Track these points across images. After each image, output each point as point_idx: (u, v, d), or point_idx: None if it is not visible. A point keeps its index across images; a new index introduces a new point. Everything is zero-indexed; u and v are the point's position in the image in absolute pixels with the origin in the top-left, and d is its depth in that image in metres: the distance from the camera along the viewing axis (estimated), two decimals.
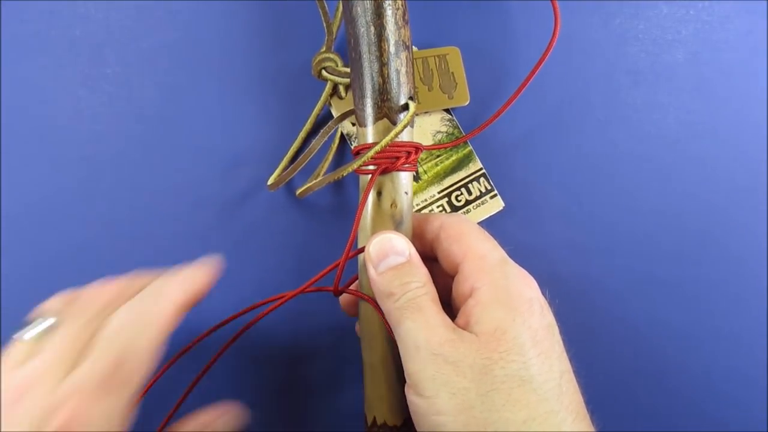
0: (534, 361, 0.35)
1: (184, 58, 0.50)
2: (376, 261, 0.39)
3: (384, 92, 0.40)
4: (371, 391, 0.42)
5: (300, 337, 0.50)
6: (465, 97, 0.50)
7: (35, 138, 0.49)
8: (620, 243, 0.51)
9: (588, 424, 0.36)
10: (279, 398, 0.50)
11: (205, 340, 0.48)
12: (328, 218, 0.50)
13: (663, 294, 0.51)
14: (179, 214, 0.49)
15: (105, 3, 0.50)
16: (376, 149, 0.39)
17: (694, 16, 0.52)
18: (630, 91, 0.52)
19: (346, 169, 0.41)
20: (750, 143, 0.52)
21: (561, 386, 0.35)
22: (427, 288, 0.38)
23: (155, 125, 0.50)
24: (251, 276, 0.50)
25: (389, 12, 0.40)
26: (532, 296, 0.37)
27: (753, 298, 0.52)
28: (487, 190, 0.50)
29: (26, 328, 0.35)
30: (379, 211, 0.41)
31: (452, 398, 0.34)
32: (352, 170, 0.41)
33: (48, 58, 0.50)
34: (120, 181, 0.49)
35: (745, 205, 0.52)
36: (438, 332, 0.35)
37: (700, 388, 0.51)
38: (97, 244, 0.49)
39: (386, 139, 0.39)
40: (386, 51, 0.40)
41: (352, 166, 0.40)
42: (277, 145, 0.50)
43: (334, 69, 0.48)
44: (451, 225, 0.41)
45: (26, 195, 0.49)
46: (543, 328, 0.36)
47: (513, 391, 0.33)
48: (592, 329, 0.51)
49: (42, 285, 0.48)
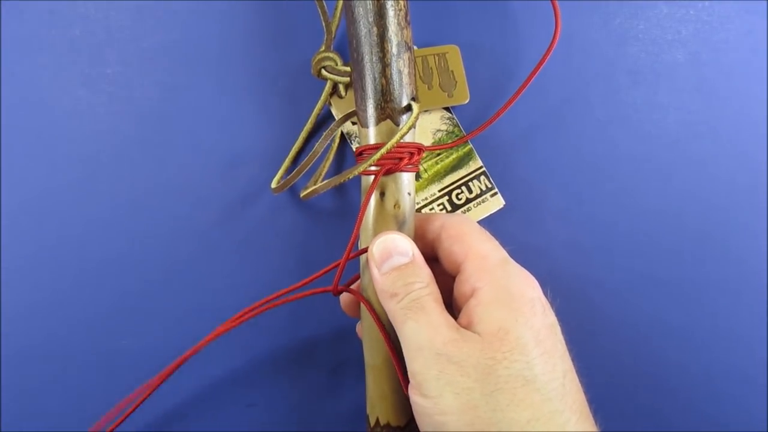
0: (537, 361, 0.35)
1: (184, 58, 0.50)
2: (380, 261, 0.39)
3: (386, 93, 0.40)
4: (374, 391, 0.42)
5: (301, 338, 0.50)
6: (465, 95, 0.50)
7: (35, 138, 0.49)
8: (620, 243, 0.51)
9: (591, 424, 0.36)
10: (280, 399, 0.50)
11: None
12: (330, 219, 0.50)
13: (663, 294, 0.51)
14: (180, 214, 0.49)
15: (105, 3, 0.50)
16: (382, 152, 0.39)
17: (694, 16, 0.52)
18: (630, 91, 0.52)
19: (352, 173, 0.41)
20: (750, 143, 0.52)
21: (564, 386, 0.35)
22: (431, 288, 0.38)
23: (155, 125, 0.50)
24: (252, 276, 0.50)
25: (391, 13, 0.39)
26: (534, 296, 0.37)
27: (753, 298, 0.52)
28: (487, 188, 0.50)
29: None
30: (382, 211, 0.41)
31: (456, 398, 0.34)
32: (365, 167, 0.40)
33: (48, 58, 0.49)
34: (120, 180, 0.49)
35: (745, 205, 0.52)
36: (441, 332, 0.35)
37: (700, 388, 0.51)
38: (97, 244, 0.49)
39: (392, 142, 0.39)
40: (389, 52, 0.40)
41: (357, 169, 0.40)
42: (278, 145, 0.50)
43: (334, 68, 0.48)
44: (452, 225, 0.41)
45: (26, 194, 0.49)
46: (545, 328, 0.36)
47: (517, 391, 0.34)
48: (592, 329, 0.51)
49: (42, 284, 0.49)
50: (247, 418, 0.49)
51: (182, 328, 0.49)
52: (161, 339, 0.49)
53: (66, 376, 0.48)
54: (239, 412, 0.49)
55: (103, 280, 0.49)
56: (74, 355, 0.49)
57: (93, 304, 0.49)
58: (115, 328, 0.49)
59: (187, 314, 0.49)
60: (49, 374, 0.48)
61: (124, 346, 0.49)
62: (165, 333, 0.49)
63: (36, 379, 0.48)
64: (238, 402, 0.49)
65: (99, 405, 0.48)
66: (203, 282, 0.49)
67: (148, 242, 0.49)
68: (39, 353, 0.48)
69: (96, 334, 0.49)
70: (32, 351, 0.48)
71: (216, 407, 0.49)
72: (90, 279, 0.49)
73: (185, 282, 0.49)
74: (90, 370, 0.49)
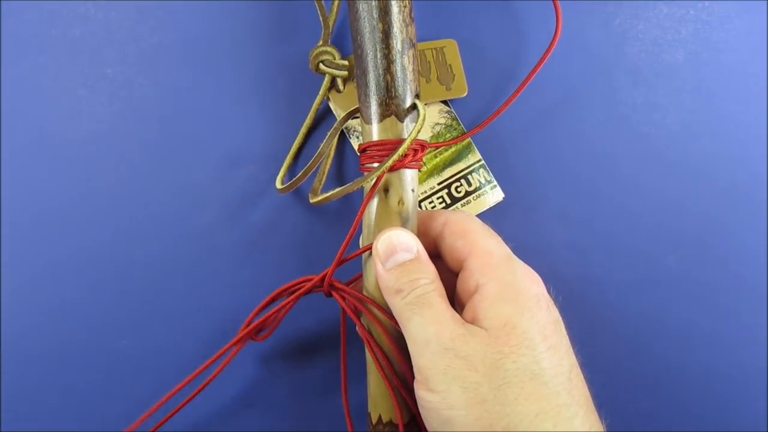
0: (544, 355, 0.35)
1: (184, 58, 0.50)
2: (384, 258, 0.39)
3: (391, 90, 0.40)
4: (376, 389, 0.42)
5: (301, 337, 0.50)
6: (463, 88, 0.50)
7: (35, 138, 0.49)
8: (620, 242, 0.51)
9: (597, 418, 0.36)
10: (281, 397, 0.50)
11: (203, 341, 0.48)
12: (333, 218, 0.50)
13: (663, 294, 0.51)
14: (180, 214, 0.49)
15: (105, 3, 0.50)
16: (399, 152, 0.39)
17: (694, 16, 0.52)
18: (630, 91, 0.52)
19: (366, 180, 0.40)
20: (750, 143, 0.52)
21: (571, 380, 0.35)
22: (436, 284, 0.38)
23: (155, 125, 0.50)
24: (253, 276, 0.49)
25: (396, 10, 0.39)
26: (538, 292, 0.38)
27: (753, 298, 0.52)
28: (486, 180, 0.50)
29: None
30: (386, 208, 0.41)
31: (464, 392, 0.34)
32: (377, 174, 0.40)
33: (48, 58, 0.49)
34: (120, 180, 0.49)
35: (745, 204, 0.52)
36: (448, 327, 0.35)
37: (700, 388, 0.51)
38: (97, 244, 0.49)
39: (407, 142, 0.39)
40: (393, 48, 0.40)
41: (376, 174, 0.39)
42: (278, 141, 0.50)
43: (332, 62, 0.48)
44: (455, 222, 0.41)
45: (26, 195, 0.49)
46: (550, 324, 0.37)
47: (525, 385, 0.34)
48: (591, 328, 0.51)
49: (42, 284, 0.48)
50: (247, 418, 0.49)
51: (182, 328, 0.49)
52: (161, 339, 0.49)
53: (66, 376, 0.48)
54: (239, 412, 0.49)
55: (103, 280, 0.49)
56: (74, 354, 0.48)
57: (93, 303, 0.49)
58: (115, 328, 0.49)
59: (187, 314, 0.49)
60: (49, 374, 0.48)
61: (124, 346, 0.49)
62: (165, 333, 0.49)
63: (36, 379, 0.48)
64: (238, 402, 0.49)
65: (99, 405, 0.48)
66: (203, 282, 0.49)
67: (147, 242, 0.49)
68: (39, 353, 0.48)
69: (96, 334, 0.49)
70: (32, 351, 0.48)
71: (216, 407, 0.49)
72: (90, 279, 0.49)
73: (185, 282, 0.49)
74: (90, 370, 0.48)
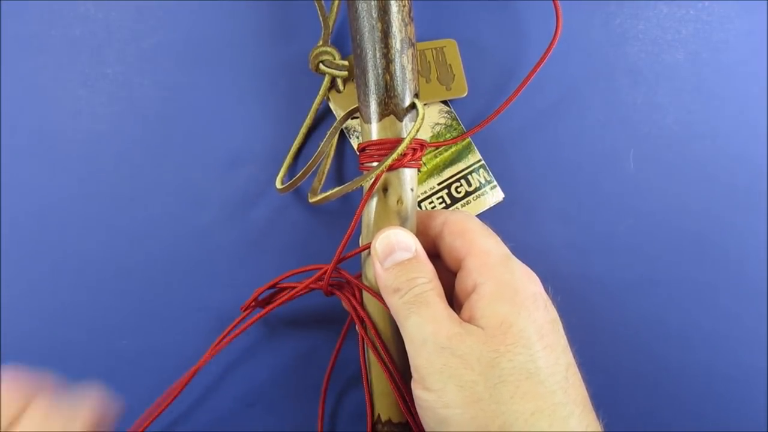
0: (540, 354, 0.35)
1: (184, 58, 0.50)
2: (383, 257, 0.39)
3: (390, 89, 0.40)
4: (375, 388, 0.42)
5: (301, 336, 0.50)
6: (463, 88, 0.50)
7: (35, 138, 0.49)
8: (619, 242, 0.51)
9: (594, 418, 0.36)
10: (280, 397, 0.50)
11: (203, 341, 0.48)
12: (333, 217, 0.50)
13: (663, 294, 0.51)
14: (180, 214, 0.49)
15: (105, 3, 0.50)
16: (398, 151, 0.39)
17: (694, 16, 0.52)
18: (630, 91, 0.52)
19: (365, 179, 0.40)
20: (750, 143, 0.52)
21: (567, 379, 0.35)
22: (434, 283, 0.38)
23: (155, 125, 0.50)
24: (253, 276, 0.49)
25: (395, 9, 0.39)
26: (536, 291, 0.38)
27: (753, 299, 0.52)
28: (486, 181, 0.50)
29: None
30: (385, 207, 0.41)
31: (460, 391, 0.34)
32: (376, 174, 0.40)
33: (48, 58, 0.49)
34: (120, 180, 0.49)
35: (744, 204, 0.52)
36: (445, 326, 0.35)
37: (700, 388, 0.51)
38: (97, 244, 0.49)
39: (406, 141, 0.39)
40: (392, 48, 0.40)
41: (375, 173, 0.39)
42: (278, 141, 0.50)
43: (332, 62, 0.48)
44: (455, 221, 0.41)
45: (26, 195, 0.49)
46: (548, 323, 0.37)
47: (521, 384, 0.34)
48: (591, 328, 0.51)
49: (42, 284, 0.48)
50: (247, 418, 0.49)
51: (182, 327, 0.49)
52: (161, 339, 0.49)
53: (66, 376, 0.48)
54: (239, 412, 0.49)
55: (103, 280, 0.49)
56: (74, 354, 0.48)
57: (93, 303, 0.49)
58: (114, 328, 0.49)
59: (187, 314, 0.49)
60: (48, 374, 0.48)
61: (124, 346, 0.49)
62: (165, 333, 0.49)
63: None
64: (238, 402, 0.49)
65: None
66: (204, 282, 0.49)
67: (147, 242, 0.49)
68: (39, 353, 0.48)
69: (96, 333, 0.49)
70: (32, 350, 0.48)
71: (216, 407, 0.49)
72: (90, 278, 0.49)
73: (185, 282, 0.49)
74: (90, 369, 0.48)
